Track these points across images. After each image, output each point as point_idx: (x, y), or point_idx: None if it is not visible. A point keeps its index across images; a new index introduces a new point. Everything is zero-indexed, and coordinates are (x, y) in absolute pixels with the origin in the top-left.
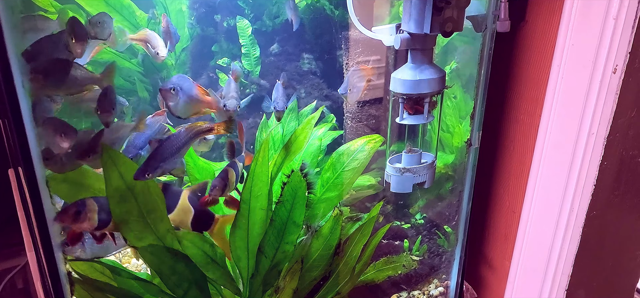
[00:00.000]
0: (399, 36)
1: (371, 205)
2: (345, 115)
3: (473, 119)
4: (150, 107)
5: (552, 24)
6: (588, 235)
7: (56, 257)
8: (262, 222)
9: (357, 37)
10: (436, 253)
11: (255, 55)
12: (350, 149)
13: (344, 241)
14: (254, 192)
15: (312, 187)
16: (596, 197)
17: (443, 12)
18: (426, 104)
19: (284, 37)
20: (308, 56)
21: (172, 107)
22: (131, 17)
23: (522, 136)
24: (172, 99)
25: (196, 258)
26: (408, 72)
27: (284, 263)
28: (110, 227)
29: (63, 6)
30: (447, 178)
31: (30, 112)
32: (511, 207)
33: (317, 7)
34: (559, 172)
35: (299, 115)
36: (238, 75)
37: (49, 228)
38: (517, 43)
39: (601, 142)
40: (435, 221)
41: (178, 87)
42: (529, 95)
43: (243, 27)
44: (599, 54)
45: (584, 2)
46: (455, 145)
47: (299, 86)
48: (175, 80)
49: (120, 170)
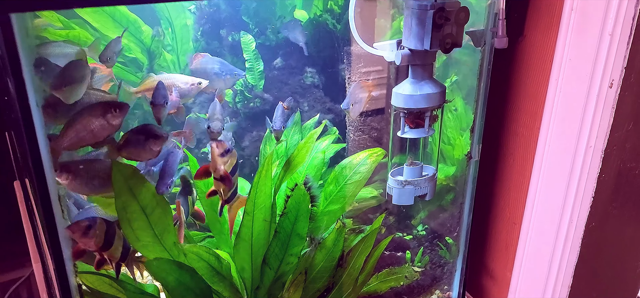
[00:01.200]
0: (400, 52)
1: (374, 216)
2: (348, 128)
3: (473, 132)
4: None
5: (550, 39)
6: (587, 247)
7: (67, 269)
8: (265, 234)
9: (359, 52)
10: (438, 264)
11: (259, 69)
12: (353, 163)
13: (347, 253)
14: (257, 205)
15: (315, 200)
16: (595, 208)
17: (442, 29)
18: (427, 118)
19: (287, 51)
20: (311, 70)
21: (162, 118)
22: (137, 32)
23: (521, 149)
24: (162, 111)
25: (202, 270)
26: (409, 87)
27: (288, 275)
28: (110, 252)
29: (69, 21)
30: (448, 189)
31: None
32: (512, 218)
33: (319, 22)
34: (558, 184)
35: (302, 129)
36: (222, 97)
37: (60, 240)
38: (516, 57)
39: (599, 155)
40: (437, 232)
41: (167, 99)
42: (528, 109)
43: (247, 42)
44: (596, 69)
45: (581, 19)
46: (456, 157)
47: (302, 100)
48: (164, 93)
49: (130, 184)
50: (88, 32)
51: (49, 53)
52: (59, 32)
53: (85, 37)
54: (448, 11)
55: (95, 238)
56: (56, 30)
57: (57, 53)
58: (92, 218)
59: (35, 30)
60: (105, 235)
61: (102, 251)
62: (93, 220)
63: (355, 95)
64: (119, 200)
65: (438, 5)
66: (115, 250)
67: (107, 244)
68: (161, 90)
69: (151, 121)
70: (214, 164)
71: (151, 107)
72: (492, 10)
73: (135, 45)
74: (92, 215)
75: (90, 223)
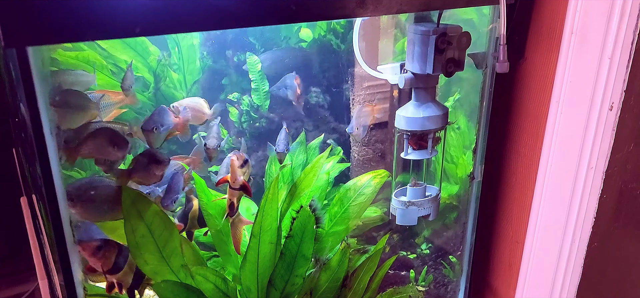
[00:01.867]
0: (403, 76)
1: (377, 234)
2: (352, 148)
3: (475, 153)
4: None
5: (551, 61)
6: (590, 266)
7: (77, 293)
8: (271, 255)
9: (363, 72)
10: (442, 283)
11: (264, 90)
12: (357, 184)
13: (351, 273)
14: (263, 227)
15: (320, 221)
16: (597, 228)
17: (445, 53)
18: (430, 140)
19: (292, 72)
20: (315, 89)
21: (154, 143)
22: (144, 52)
23: (523, 169)
24: (154, 137)
25: (208, 292)
26: (412, 110)
27: (293, 296)
28: (119, 275)
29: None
30: (451, 208)
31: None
32: (515, 237)
33: (323, 42)
34: (560, 204)
35: (307, 149)
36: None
37: (70, 258)
38: (517, 79)
39: (600, 176)
40: (440, 251)
41: (159, 124)
42: (530, 129)
43: (253, 63)
44: (596, 92)
45: (581, 42)
46: (459, 176)
47: (307, 119)
48: (155, 119)
49: (138, 208)
50: (97, 53)
51: (63, 81)
52: (69, 53)
53: (95, 58)
54: (450, 36)
55: (105, 260)
56: (66, 51)
57: (72, 81)
58: (104, 239)
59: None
60: (116, 258)
61: (110, 274)
62: (105, 241)
63: (359, 119)
64: (128, 224)
65: (440, 30)
66: (124, 275)
67: (116, 268)
68: (154, 116)
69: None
70: (234, 175)
71: (142, 132)
72: (494, 35)
73: (142, 65)
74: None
75: (100, 244)
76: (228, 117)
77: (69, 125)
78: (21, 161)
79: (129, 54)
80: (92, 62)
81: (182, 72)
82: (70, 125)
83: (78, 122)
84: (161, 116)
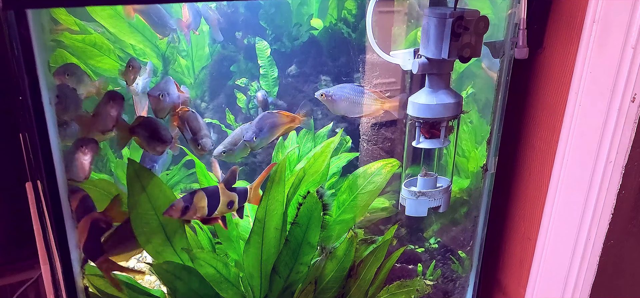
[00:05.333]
0: (417, 61)
1: (384, 228)
2: (361, 138)
3: (489, 145)
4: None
5: (570, 51)
6: (605, 264)
7: (74, 271)
8: (276, 241)
9: (373, 60)
10: (450, 279)
11: (273, 76)
12: (367, 172)
13: (358, 263)
14: (269, 212)
15: (327, 208)
16: (614, 226)
17: (461, 38)
18: (443, 129)
19: (302, 58)
20: (325, 78)
21: (159, 112)
22: (153, 37)
23: (538, 163)
24: (159, 103)
25: (209, 277)
26: (425, 97)
27: (298, 284)
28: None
29: (85, 25)
30: (461, 202)
31: (55, 125)
32: (527, 233)
33: (334, 29)
34: (575, 200)
35: (315, 137)
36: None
37: (69, 242)
38: (534, 70)
39: (619, 171)
40: (449, 245)
41: (165, 92)
42: (546, 122)
43: (262, 49)
44: (618, 83)
45: (602, 31)
46: (470, 170)
47: (316, 108)
48: (162, 86)
49: (143, 183)
50: (104, 37)
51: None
52: (75, 37)
53: (102, 42)
54: (467, 20)
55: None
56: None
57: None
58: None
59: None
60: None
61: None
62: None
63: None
64: (131, 199)
65: (457, 13)
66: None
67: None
68: (160, 84)
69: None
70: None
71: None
72: (512, 20)
73: (151, 51)
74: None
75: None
76: (236, 103)
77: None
78: (27, 146)
79: (137, 39)
80: (99, 46)
81: (190, 58)
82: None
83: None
84: (167, 85)
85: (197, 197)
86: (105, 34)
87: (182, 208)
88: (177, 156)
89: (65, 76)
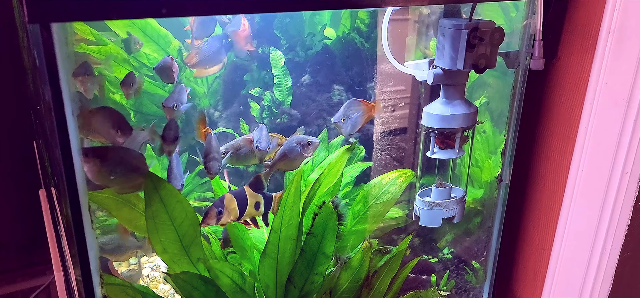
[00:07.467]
0: (432, 72)
1: (398, 238)
2: (375, 148)
3: (504, 155)
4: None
5: (585, 62)
6: (621, 277)
7: (93, 280)
8: (291, 251)
9: (386, 70)
10: (464, 289)
11: (287, 85)
12: (382, 183)
13: (372, 274)
14: (284, 222)
15: (342, 218)
16: (630, 237)
17: (476, 49)
18: (457, 139)
19: (316, 68)
20: (338, 87)
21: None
22: (166, 45)
23: (552, 173)
24: (174, 115)
25: (226, 286)
26: (440, 107)
27: (313, 295)
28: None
29: (101, 35)
30: (475, 213)
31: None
32: (541, 244)
33: (348, 39)
34: (590, 211)
35: (329, 146)
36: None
37: (89, 250)
38: (549, 80)
39: (635, 182)
40: (463, 256)
41: (179, 102)
42: (561, 132)
43: (276, 58)
44: (634, 93)
45: (618, 42)
46: (484, 180)
47: (330, 117)
48: (176, 97)
49: (161, 194)
50: (120, 47)
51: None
52: (91, 48)
53: (117, 51)
54: (482, 31)
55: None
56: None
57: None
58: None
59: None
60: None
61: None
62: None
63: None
64: (149, 209)
65: (472, 25)
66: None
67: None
68: (174, 94)
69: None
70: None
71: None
72: (528, 31)
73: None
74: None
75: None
76: (249, 112)
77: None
78: (41, 153)
79: (152, 48)
80: (114, 56)
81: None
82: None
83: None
84: (181, 95)
85: (227, 200)
86: (119, 42)
87: (216, 214)
88: (191, 164)
89: (85, 76)
